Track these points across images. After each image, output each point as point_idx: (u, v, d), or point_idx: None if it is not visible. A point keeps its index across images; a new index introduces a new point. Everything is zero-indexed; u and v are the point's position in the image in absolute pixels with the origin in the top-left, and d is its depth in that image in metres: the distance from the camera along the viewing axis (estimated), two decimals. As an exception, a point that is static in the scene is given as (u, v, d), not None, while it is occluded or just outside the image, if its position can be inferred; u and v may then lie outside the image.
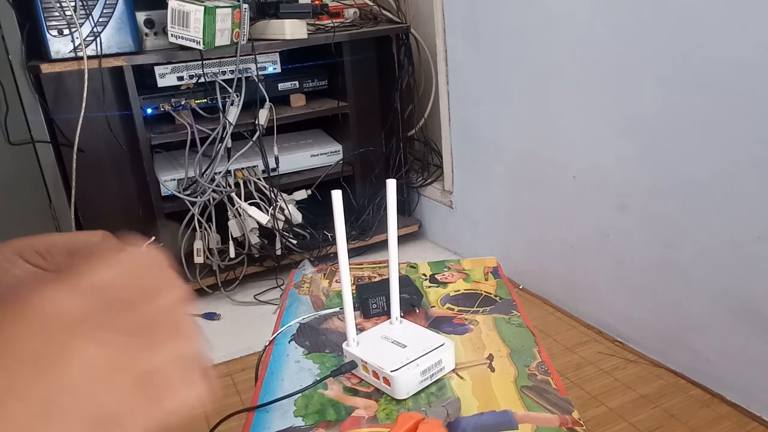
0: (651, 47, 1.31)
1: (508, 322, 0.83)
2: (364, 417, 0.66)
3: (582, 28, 1.46)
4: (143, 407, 0.24)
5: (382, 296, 0.84)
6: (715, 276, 1.29)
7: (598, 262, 1.58)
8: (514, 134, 1.77)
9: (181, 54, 1.72)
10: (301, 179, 2.04)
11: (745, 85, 1.15)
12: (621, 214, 1.48)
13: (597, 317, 1.63)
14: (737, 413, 1.28)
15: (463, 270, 0.99)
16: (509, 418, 0.64)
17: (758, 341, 1.23)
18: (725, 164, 1.22)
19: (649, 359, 1.48)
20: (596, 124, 1.49)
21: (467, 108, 1.95)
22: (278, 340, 0.82)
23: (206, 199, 1.80)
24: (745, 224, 1.21)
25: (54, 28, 1.57)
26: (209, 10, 1.62)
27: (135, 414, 0.24)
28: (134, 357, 0.24)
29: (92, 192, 1.74)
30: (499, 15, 1.71)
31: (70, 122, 1.63)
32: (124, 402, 0.23)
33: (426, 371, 0.69)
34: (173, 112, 1.78)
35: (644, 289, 1.47)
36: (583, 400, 1.36)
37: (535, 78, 1.64)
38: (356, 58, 2.02)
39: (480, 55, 1.82)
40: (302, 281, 0.99)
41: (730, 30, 1.15)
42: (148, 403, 0.24)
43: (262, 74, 1.88)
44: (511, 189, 1.84)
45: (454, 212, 2.12)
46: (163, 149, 1.91)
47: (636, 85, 1.36)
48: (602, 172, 1.51)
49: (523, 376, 0.71)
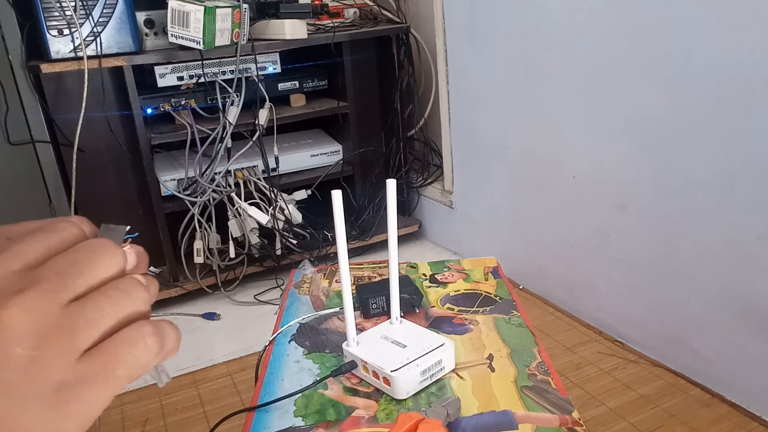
0: (651, 47, 1.31)
1: (508, 322, 0.83)
2: (364, 417, 0.66)
3: (582, 28, 1.46)
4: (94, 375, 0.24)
5: (382, 296, 0.84)
6: (715, 276, 1.29)
7: (598, 262, 1.58)
8: (514, 134, 1.77)
9: (181, 54, 1.72)
10: (301, 179, 2.04)
11: (745, 84, 1.15)
12: (621, 214, 1.48)
13: (597, 317, 1.63)
14: (737, 413, 1.28)
15: (463, 270, 0.99)
16: (509, 418, 0.64)
17: (758, 341, 1.23)
18: (725, 164, 1.22)
19: (649, 359, 1.48)
20: (596, 124, 1.49)
21: (467, 108, 1.95)
22: (278, 340, 0.82)
23: (206, 199, 1.80)
24: (745, 224, 1.21)
25: (54, 28, 1.57)
26: (209, 10, 1.62)
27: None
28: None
29: (92, 192, 1.74)
30: (499, 15, 1.71)
31: (70, 122, 1.63)
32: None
33: (426, 371, 0.69)
34: (173, 112, 1.78)
35: (644, 289, 1.47)
36: (583, 400, 1.36)
37: (535, 78, 1.64)
38: (356, 58, 2.02)
39: (480, 55, 1.82)
40: (302, 281, 0.99)
41: (730, 30, 1.15)
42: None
43: (262, 74, 1.88)
44: (511, 189, 1.84)
45: (454, 212, 2.12)
46: (163, 149, 1.91)
47: (636, 85, 1.36)
48: (602, 172, 1.51)
49: (523, 376, 0.71)
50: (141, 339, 0.25)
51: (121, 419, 1.40)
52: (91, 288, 0.25)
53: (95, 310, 0.25)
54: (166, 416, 1.41)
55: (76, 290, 0.24)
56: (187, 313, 1.86)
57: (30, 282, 0.23)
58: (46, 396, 0.22)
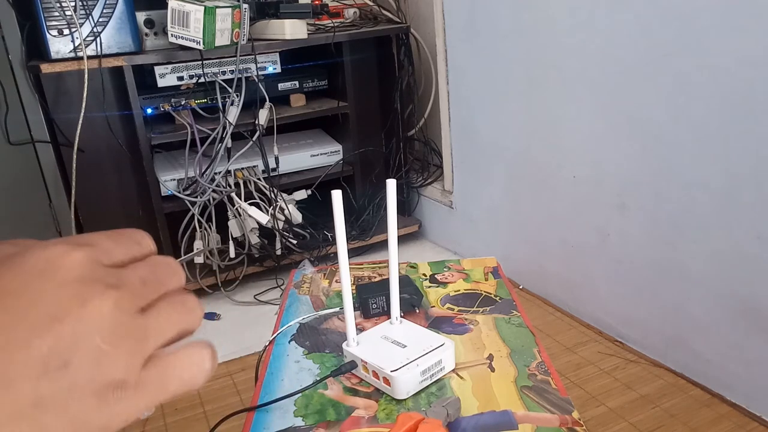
0: (651, 47, 1.31)
1: (508, 322, 0.83)
2: (364, 417, 0.66)
3: (582, 28, 1.46)
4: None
5: (382, 296, 0.84)
6: (716, 276, 1.29)
7: (598, 262, 1.58)
8: (514, 134, 1.77)
9: (181, 54, 1.72)
10: (301, 179, 2.04)
11: (746, 84, 1.15)
12: (621, 214, 1.48)
13: (597, 317, 1.63)
14: (737, 413, 1.28)
15: (463, 270, 0.99)
16: (509, 418, 0.64)
17: (758, 341, 1.23)
18: (725, 164, 1.22)
19: (649, 359, 1.48)
20: (596, 124, 1.49)
21: (467, 108, 1.95)
22: (278, 340, 0.82)
23: (206, 199, 1.80)
24: (745, 224, 1.21)
25: (54, 28, 1.57)
26: (209, 10, 1.62)
27: None
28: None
29: (92, 192, 1.74)
30: (499, 15, 1.71)
31: (70, 122, 1.63)
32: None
33: (426, 371, 0.69)
34: (173, 112, 1.78)
35: (644, 289, 1.47)
36: (583, 400, 1.36)
37: (535, 78, 1.64)
38: (356, 58, 2.02)
39: (480, 55, 1.82)
40: (302, 281, 0.99)
41: (731, 31, 1.15)
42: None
43: (262, 74, 1.88)
44: (511, 189, 1.84)
45: (454, 212, 2.12)
46: (163, 149, 1.91)
47: (636, 85, 1.36)
48: (602, 172, 1.51)
49: (523, 376, 0.71)
50: (201, 362, 0.26)
51: (121, 419, 1.40)
52: (160, 299, 0.26)
53: (166, 321, 0.26)
54: (166, 416, 1.41)
55: (151, 299, 0.26)
56: (187, 313, 1.86)
57: (121, 281, 0.24)
58: (104, 391, 0.23)
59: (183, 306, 0.27)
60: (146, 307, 0.25)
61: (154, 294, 0.26)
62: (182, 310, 0.27)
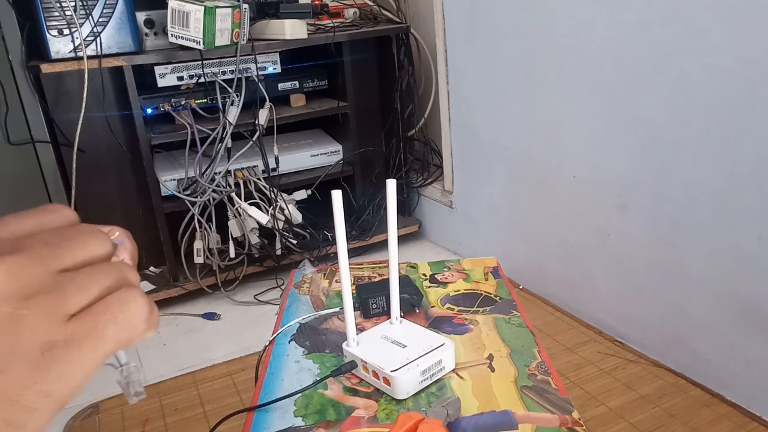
0: (651, 47, 1.31)
1: (508, 322, 0.83)
2: (364, 417, 0.66)
3: (582, 28, 1.46)
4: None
5: (382, 296, 0.84)
6: (716, 276, 1.29)
7: (598, 262, 1.58)
8: (514, 134, 1.77)
9: (181, 54, 1.72)
10: (301, 179, 2.04)
11: (746, 84, 1.15)
12: (621, 214, 1.48)
13: (597, 317, 1.63)
14: (737, 413, 1.28)
15: (463, 270, 0.99)
16: (509, 418, 0.64)
17: (758, 341, 1.23)
18: (725, 164, 1.22)
19: (649, 359, 1.48)
20: (596, 124, 1.49)
21: (467, 108, 1.95)
22: (278, 340, 0.82)
23: (206, 199, 1.80)
24: (745, 224, 1.21)
25: (54, 28, 1.57)
26: (209, 10, 1.62)
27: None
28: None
29: (92, 192, 1.74)
30: (499, 15, 1.71)
31: (70, 122, 1.63)
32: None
33: (426, 371, 0.69)
34: (173, 112, 1.78)
35: (644, 289, 1.47)
36: (583, 400, 1.36)
37: (535, 78, 1.64)
38: (356, 58, 2.02)
39: (480, 55, 1.82)
40: (302, 281, 0.99)
41: (731, 31, 1.15)
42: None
43: (262, 74, 1.88)
44: (511, 189, 1.84)
45: (454, 212, 2.12)
46: (163, 149, 1.91)
47: (636, 84, 1.36)
48: (602, 172, 1.51)
49: (523, 376, 0.71)
50: (132, 299, 0.25)
51: (121, 419, 1.40)
52: (79, 264, 0.25)
53: (87, 278, 0.25)
54: (166, 416, 1.41)
55: (64, 262, 0.25)
56: (187, 313, 1.86)
57: (17, 248, 0.24)
58: (33, 356, 0.22)
59: (108, 266, 0.26)
60: (63, 271, 0.24)
61: (65, 256, 0.25)
62: (106, 268, 0.25)
